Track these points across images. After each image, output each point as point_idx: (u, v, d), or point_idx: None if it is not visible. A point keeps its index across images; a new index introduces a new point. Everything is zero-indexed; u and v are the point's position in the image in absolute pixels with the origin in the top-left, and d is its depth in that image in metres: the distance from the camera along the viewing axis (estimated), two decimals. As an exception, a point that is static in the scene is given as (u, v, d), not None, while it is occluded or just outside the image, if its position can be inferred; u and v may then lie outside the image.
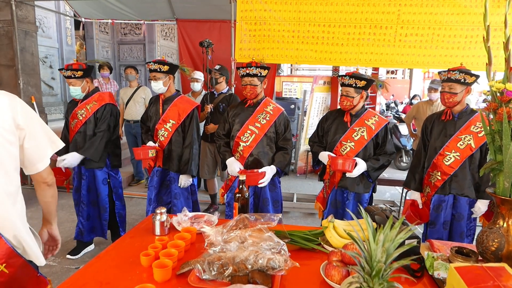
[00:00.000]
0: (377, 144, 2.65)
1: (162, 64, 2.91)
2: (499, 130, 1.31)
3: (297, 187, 5.73)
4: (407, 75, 16.44)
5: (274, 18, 3.72)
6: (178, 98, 3.08)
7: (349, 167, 2.48)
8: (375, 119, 2.64)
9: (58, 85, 7.36)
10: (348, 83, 2.56)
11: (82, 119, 3.04)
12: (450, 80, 2.42)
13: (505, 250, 1.27)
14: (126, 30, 8.71)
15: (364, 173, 2.57)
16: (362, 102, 2.64)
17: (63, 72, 3.00)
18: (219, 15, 5.22)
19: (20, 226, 1.29)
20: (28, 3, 5.09)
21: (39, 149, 1.35)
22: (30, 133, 1.32)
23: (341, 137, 2.64)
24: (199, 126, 3.18)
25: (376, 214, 1.57)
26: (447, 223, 2.55)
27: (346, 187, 2.63)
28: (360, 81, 2.52)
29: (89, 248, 3.36)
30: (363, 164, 2.53)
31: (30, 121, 1.32)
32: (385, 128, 2.63)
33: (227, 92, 4.16)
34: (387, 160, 2.61)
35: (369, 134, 2.59)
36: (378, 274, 0.93)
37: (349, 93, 2.58)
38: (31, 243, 1.32)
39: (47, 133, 1.41)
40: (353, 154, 2.59)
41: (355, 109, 2.66)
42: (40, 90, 5.52)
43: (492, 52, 1.41)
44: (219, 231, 1.46)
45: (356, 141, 2.59)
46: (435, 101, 4.86)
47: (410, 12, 3.51)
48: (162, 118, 3.02)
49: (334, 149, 2.66)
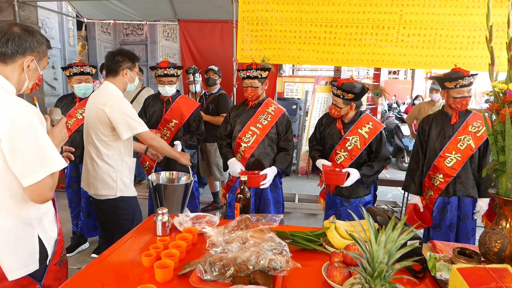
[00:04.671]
0: (371, 150, 2.62)
1: (178, 68, 2.95)
2: (501, 131, 1.30)
3: (298, 187, 5.72)
4: (409, 75, 16.42)
5: (276, 19, 3.72)
6: (180, 98, 3.10)
7: (341, 181, 2.49)
8: (369, 126, 2.58)
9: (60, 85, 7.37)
10: (336, 94, 2.53)
11: (81, 118, 3.07)
12: (463, 86, 2.37)
13: (508, 251, 1.26)
14: (128, 31, 8.72)
15: (359, 180, 2.54)
16: (352, 112, 2.59)
17: (84, 68, 3.00)
18: (221, 16, 5.22)
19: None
20: (30, 4, 5.10)
21: (23, 165, 1.27)
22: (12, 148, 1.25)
23: (335, 145, 2.62)
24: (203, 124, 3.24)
25: (378, 215, 1.56)
26: (453, 225, 2.53)
27: (341, 195, 2.63)
28: (348, 94, 2.48)
29: (84, 246, 3.41)
30: (356, 173, 2.51)
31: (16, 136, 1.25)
32: (380, 134, 2.58)
33: (217, 92, 4.20)
34: (382, 165, 2.58)
35: (363, 144, 2.56)
36: (380, 275, 0.93)
37: (337, 104, 2.55)
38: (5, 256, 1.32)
39: (40, 153, 1.29)
40: (348, 164, 2.58)
41: (347, 117, 2.62)
42: (42, 90, 5.53)
43: (494, 53, 1.41)
44: (221, 232, 1.46)
45: (350, 151, 2.58)
46: (436, 102, 4.85)
47: (413, 12, 3.50)
48: (165, 118, 3.03)
49: (330, 157, 2.65)
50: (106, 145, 2.22)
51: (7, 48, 1.32)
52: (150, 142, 2.33)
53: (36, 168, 1.27)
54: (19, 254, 1.34)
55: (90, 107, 2.27)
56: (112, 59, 2.25)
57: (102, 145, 2.22)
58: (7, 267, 1.32)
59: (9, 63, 1.35)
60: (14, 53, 1.34)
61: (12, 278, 1.33)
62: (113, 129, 2.18)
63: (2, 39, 1.32)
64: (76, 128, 3.08)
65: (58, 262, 1.52)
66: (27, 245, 1.37)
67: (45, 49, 1.44)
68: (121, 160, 2.28)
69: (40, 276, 1.42)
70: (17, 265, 1.34)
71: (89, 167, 2.30)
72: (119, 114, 2.14)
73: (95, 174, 2.26)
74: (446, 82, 2.42)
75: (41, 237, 1.41)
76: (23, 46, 1.35)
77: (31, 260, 1.38)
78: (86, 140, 2.32)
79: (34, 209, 1.38)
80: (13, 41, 1.32)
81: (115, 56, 2.25)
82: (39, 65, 1.43)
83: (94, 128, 2.21)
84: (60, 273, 1.55)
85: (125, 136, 2.18)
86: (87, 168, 2.33)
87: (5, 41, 1.32)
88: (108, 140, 2.22)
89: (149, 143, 2.34)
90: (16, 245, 1.34)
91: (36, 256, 1.39)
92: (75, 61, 3.09)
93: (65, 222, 3.83)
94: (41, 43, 1.41)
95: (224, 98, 4.13)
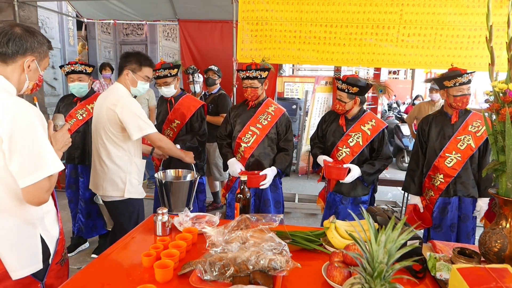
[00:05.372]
0: (373, 149, 2.62)
1: (172, 68, 2.92)
2: (502, 131, 1.30)
3: (298, 187, 5.72)
4: (409, 75, 16.40)
5: (276, 18, 3.72)
6: (184, 97, 3.10)
7: (341, 176, 2.49)
8: (372, 123, 2.60)
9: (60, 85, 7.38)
10: (341, 88, 2.54)
11: (82, 119, 3.07)
12: (463, 83, 2.37)
13: (508, 251, 1.26)
14: (128, 31, 8.72)
15: (359, 178, 2.55)
16: (356, 107, 2.61)
17: (74, 66, 3.00)
18: (221, 16, 5.22)
19: None
20: (30, 4, 5.10)
21: (20, 166, 1.27)
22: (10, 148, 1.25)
23: (337, 142, 2.63)
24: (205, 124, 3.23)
25: (378, 215, 1.56)
26: (454, 225, 2.53)
27: (341, 192, 2.63)
28: (353, 88, 2.49)
29: (84, 246, 3.42)
30: (357, 170, 2.51)
31: (16, 137, 1.25)
32: (382, 132, 2.59)
33: (216, 92, 4.20)
34: (383, 164, 2.58)
35: (365, 140, 2.57)
36: (380, 275, 0.93)
37: (342, 98, 2.56)
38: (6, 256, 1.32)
39: (38, 154, 1.29)
40: (349, 160, 2.58)
41: (350, 113, 2.63)
42: (42, 90, 5.53)
43: (495, 52, 1.41)
44: (221, 232, 1.46)
45: (352, 147, 2.58)
46: (436, 102, 4.85)
47: (413, 12, 3.50)
48: (168, 118, 3.04)
49: (331, 154, 2.65)
50: (117, 146, 2.22)
51: (8, 48, 1.32)
52: (159, 144, 2.35)
53: (32, 170, 1.26)
54: (22, 253, 1.35)
55: (100, 108, 2.25)
56: (122, 58, 2.28)
57: (113, 146, 2.22)
58: (10, 266, 1.32)
59: (10, 63, 1.35)
60: (14, 53, 1.34)
61: (16, 278, 1.33)
62: (123, 129, 2.19)
63: (3, 39, 1.32)
64: (76, 129, 3.07)
65: (60, 261, 1.53)
66: (30, 244, 1.37)
67: (46, 49, 1.44)
68: (131, 161, 2.27)
69: (42, 275, 1.42)
70: (20, 265, 1.34)
71: (97, 168, 2.30)
72: (129, 115, 2.15)
73: (103, 175, 2.25)
74: (445, 81, 2.42)
75: (43, 236, 1.41)
76: (24, 47, 1.35)
77: (35, 260, 1.38)
78: (95, 141, 2.31)
79: (35, 209, 1.38)
80: (14, 41, 1.32)
81: (124, 56, 2.28)
82: (40, 66, 1.43)
83: (104, 129, 2.21)
84: (61, 272, 1.55)
85: (136, 136, 2.18)
86: (95, 169, 2.32)
87: (6, 41, 1.32)
88: (118, 140, 2.22)
89: (157, 144, 2.36)
90: (18, 244, 1.34)
91: (39, 256, 1.40)
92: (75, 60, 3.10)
93: (65, 221, 3.83)
94: (42, 44, 1.41)
95: (224, 98, 4.13)
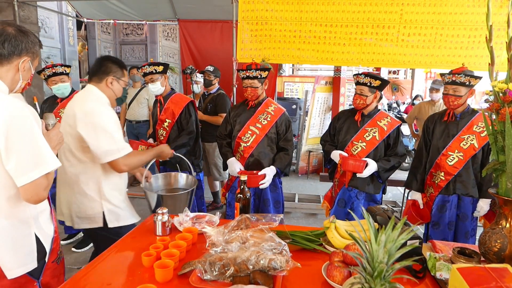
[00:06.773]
0: (388, 145, 2.66)
1: (157, 65, 2.93)
2: (501, 131, 1.30)
3: (298, 187, 5.72)
4: (409, 75, 16.40)
5: (276, 18, 3.72)
6: (173, 96, 3.11)
7: (360, 168, 2.50)
8: (388, 120, 2.65)
9: (60, 85, 7.37)
10: (363, 82, 2.58)
11: None
12: (455, 83, 2.39)
13: (507, 251, 1.26)
14: (128, 31, 8.72)
15: (375, 174, 2.58)
16: (375, 102, 2.66)
17: (55, 69, 3.05)
18: (220, 16, 5.22)
19: None
20: (30, 4, 5.10)
21: (17, 164, 1.26)
22: (7, 147, 1.25)
23: (352, 137, 2.65)
24: (197, 120, 3.21)
25: (378, 215, 1.56)
26: (452, 223, 2.54)
27: (356, 187, 2.64)
28: (375, 81, 2.55)
29: (79, 235, 3.44)
30: (374, 164, 2.54)
31: (13, 136, 1.25)
32: (397, 129, 2.64)
33: (215, 92, 4.19)
34: (398, 161, 2.62)
35: (381, 135, 2.60)
36: (380, 275, 0.93)
37: (363, 92, 2.59)
38: None
39: (36, 152, 1.29)
40: (364, 155, 2.60)
41: (367, 109, 2.66)
42: (42, 90, 5.52)
43: (495, 52, 1.41)
44: (221, 232, 1.46)
45: (368, 142, 2.60)
46: (437, 101, 4.85)
47: (413, 12, 3.50)
48: (159, 118, 3.05)
49: (345, 149, 2.67)
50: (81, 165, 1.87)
51: (4, 49, 1.32)
52: (126, 169, 1.88)
53: (30, 168, 1.27)
54: (17, 252, 1.35)
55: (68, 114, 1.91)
56: (101, 62, 1.97)
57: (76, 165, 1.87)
58: (5, 266, 1.32)
59: (5, 64, 1.35)
60: (10, 54, 1.34)
61: (11, 277, 1.33)
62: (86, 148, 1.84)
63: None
64: None
65: (56, 260, 1.53)
66: (25, 243, 1.38)
67: (38, 49, 1.45)
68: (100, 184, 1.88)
69: (38, 273, 1.42)
70: (16, 264, 1.34)
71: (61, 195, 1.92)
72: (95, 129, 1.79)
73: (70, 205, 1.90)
74: (446, 75, 2.44)
75: (38, 235, 1.42)
76: (19, 47, 1.35)
77: (30, 259, 1.39)
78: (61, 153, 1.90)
79: (30, 208, 1.38)
80: (9, 42, 1.33)
81: (103, 60, 1.98)
82: (32, 65, 1.44)
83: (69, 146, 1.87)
84: (57, 270, 1.56)
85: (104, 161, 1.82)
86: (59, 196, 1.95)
87: (2, 42, 1.32)
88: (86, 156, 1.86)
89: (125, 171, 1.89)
90: (13, 244, 1.34)
91: (34, 255, 1.40)
92: (49, 64, 3.14)
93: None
94: (35, 44, 1.42)
95: (222, 98, 4.13)
